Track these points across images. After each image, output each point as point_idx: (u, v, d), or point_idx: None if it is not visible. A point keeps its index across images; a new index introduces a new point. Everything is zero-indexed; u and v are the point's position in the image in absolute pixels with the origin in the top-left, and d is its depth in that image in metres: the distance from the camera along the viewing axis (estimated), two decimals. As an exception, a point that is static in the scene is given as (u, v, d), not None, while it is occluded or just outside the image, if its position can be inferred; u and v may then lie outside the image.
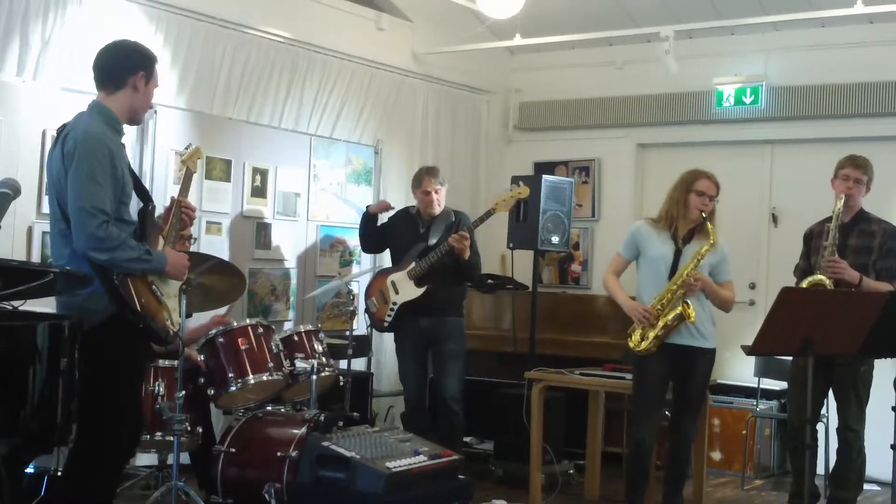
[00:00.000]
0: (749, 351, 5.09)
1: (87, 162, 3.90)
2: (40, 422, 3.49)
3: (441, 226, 6.64)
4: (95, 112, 4.10)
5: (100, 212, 3.86)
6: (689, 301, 5.32)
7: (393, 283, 6.61)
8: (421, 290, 6.49)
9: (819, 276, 5.64)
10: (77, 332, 3.64)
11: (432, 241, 6.58)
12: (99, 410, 3.93)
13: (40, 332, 3.50)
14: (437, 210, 6.67)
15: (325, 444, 4.10)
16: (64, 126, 4.09)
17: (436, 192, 6.65)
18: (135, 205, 4.27)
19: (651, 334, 5.36)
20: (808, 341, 4.87)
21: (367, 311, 6.85)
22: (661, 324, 5.34)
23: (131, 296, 3.91)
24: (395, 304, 6.57)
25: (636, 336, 5.43)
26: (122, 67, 4.16)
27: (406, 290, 6.54)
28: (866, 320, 4.93)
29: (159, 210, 4.41)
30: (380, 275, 6.82)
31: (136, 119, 4.29)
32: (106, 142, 4.01)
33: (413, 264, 6.54)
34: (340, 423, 4.53)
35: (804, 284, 5.66)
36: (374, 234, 6.99)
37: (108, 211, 3.90)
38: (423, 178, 6.73)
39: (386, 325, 6.68)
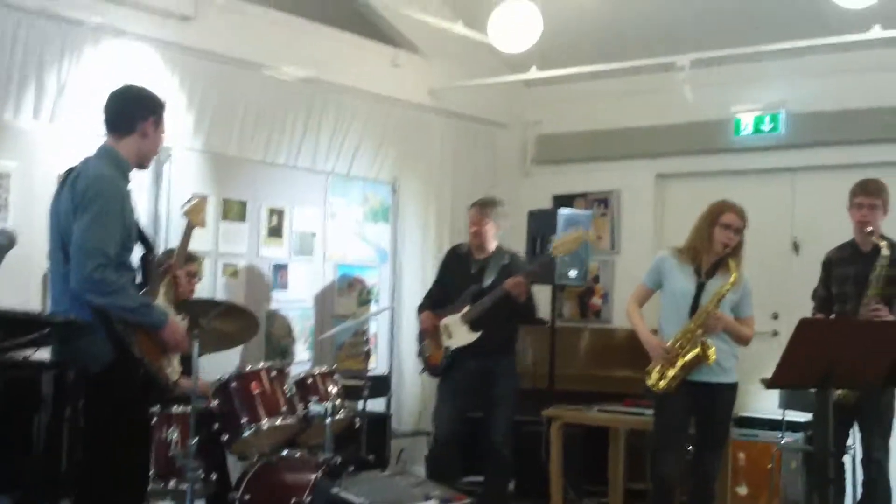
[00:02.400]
0: (769, 384, 5.00)
1: (97, 203, 3.90)
2: (45, 472, 3.46)
3: (495, 267, 6.36)
4: (104, 157, 4.10)
5: (101, 254, 3.84)
6: (708, 341, 5.24)
7: (446, 327, 6.35)
8: (475, 335, 6.23)
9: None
10: (82, 381, 3.62)
11: (486, 282, 6.32)
12: (100, 458, 3.87)
13: (45, 382, 3.49)
14: (486, 245, 6.41)
15: (335, 490, 4.04)
16: (71, 169, 4.08)
17: (481, 226, 6.37)
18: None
19: (669, 373, 5.29)
20: (828, 373, 4.79)
21: (419, 354, 6.62)
22: (679, 363, 5.26)
23: (132, 342, 3.88)
24: (448, 348, 6.32)
25: (655, 374, 5.36)
26: (133, 113, 4.17)
27: (460, 334, 6.29)
28: (888, 350, 4.84)
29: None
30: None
31: (144, 164, 4.29)
32: (118, 184, 4.03)
33: (467, 308, 6.27)
34: (351, 468, 4.48)
35: None
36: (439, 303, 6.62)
37: (109, 254, 3.87)
38: (469, 212, 6.50)
39: (440, 369, 6.41)
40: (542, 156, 9.13)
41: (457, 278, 6.49)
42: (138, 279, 4.13)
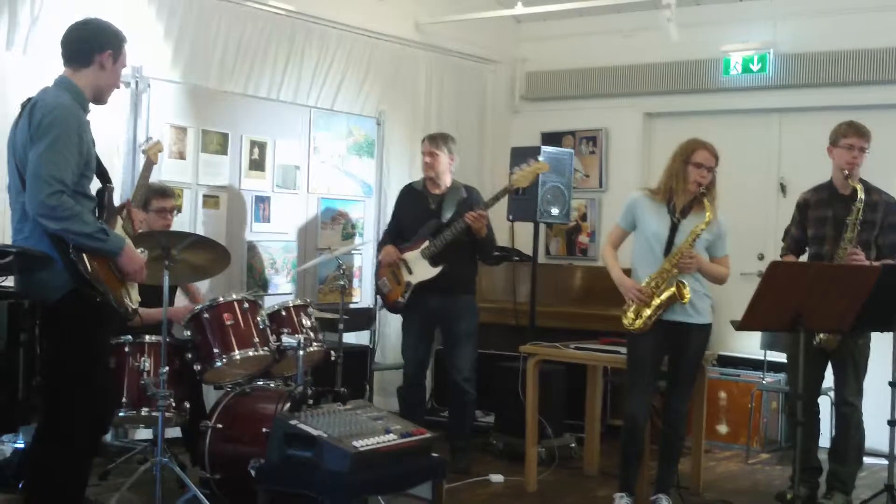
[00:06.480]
0: (738, 326, 5.01)
1: (53, 131, 3.88)
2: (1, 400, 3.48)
3: (452, 202, 6.41)
4: (63, 87, 4.09)
5: (56, 181, 3.83)
6: (684, 280, 5.24)
7: (405, 263, 6.40)
8: (437, 270, 6.28)
9: None
10: (37, 310, 3.63)
11: (445, 217, 6.36)
12: (62, 386, 3.91)
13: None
14: (440, 178, 6.47)
15: (293, 422, 4.07)
16: (29, 99, 4.07)
17: (430, 157, 6.44)
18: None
19: (644, 313, 5.29)
20: (798, 316, 4.81)
21: (377, 291, 6.69)
22: (654, 303, 5.26)
23: (89, 270, 3.89)
24: (409, 284, 6.37)
25: (630, 314, 5.36)
26: (90, 45, 4.15)
27: (420, 269, 6.33)
28: (858, 294, 4.85)
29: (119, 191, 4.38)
30: None
31: (101, 98, 4.25)
32: (76, 113, 4.02)
33: (427, 243, 6.32)
34: (310, 401, 4.50)
35: None
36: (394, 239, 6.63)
37: (66, 181, 3.86)
38: (422, 144, 6.57)
39: (400, 306, 6.47)
40: (531, 93, 9.09)
41: (414, 214, 6.51)
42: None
